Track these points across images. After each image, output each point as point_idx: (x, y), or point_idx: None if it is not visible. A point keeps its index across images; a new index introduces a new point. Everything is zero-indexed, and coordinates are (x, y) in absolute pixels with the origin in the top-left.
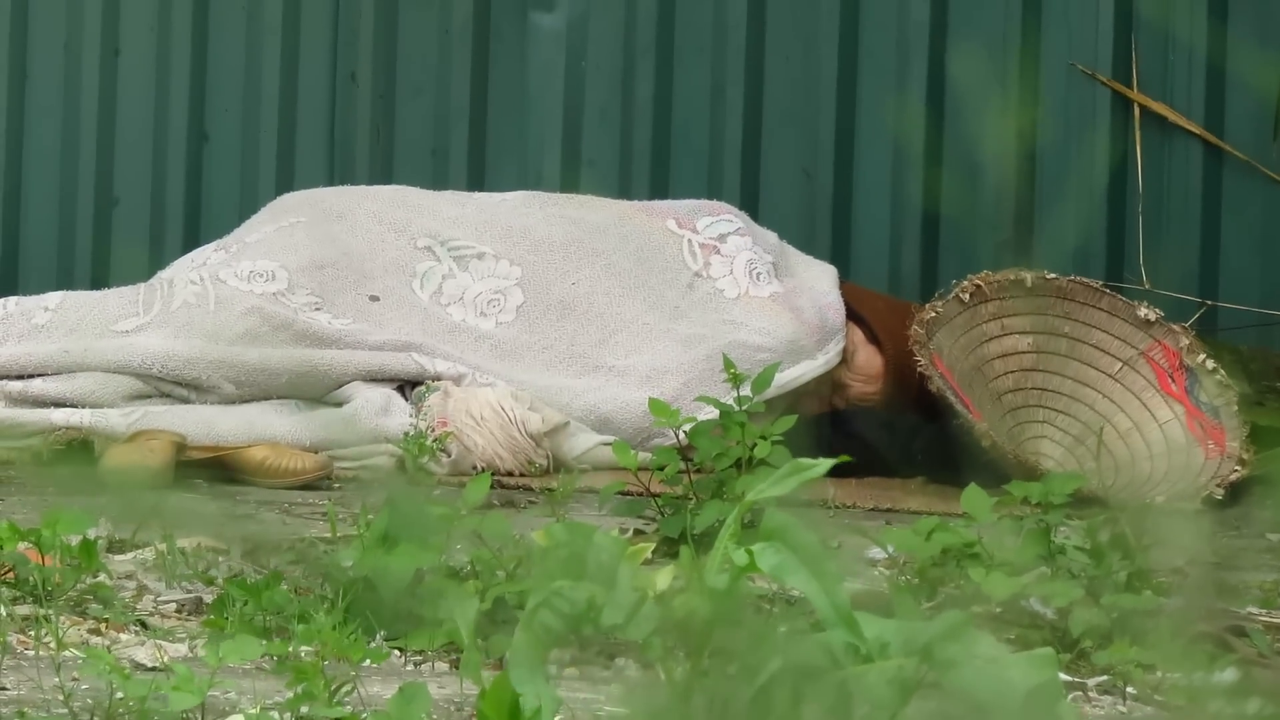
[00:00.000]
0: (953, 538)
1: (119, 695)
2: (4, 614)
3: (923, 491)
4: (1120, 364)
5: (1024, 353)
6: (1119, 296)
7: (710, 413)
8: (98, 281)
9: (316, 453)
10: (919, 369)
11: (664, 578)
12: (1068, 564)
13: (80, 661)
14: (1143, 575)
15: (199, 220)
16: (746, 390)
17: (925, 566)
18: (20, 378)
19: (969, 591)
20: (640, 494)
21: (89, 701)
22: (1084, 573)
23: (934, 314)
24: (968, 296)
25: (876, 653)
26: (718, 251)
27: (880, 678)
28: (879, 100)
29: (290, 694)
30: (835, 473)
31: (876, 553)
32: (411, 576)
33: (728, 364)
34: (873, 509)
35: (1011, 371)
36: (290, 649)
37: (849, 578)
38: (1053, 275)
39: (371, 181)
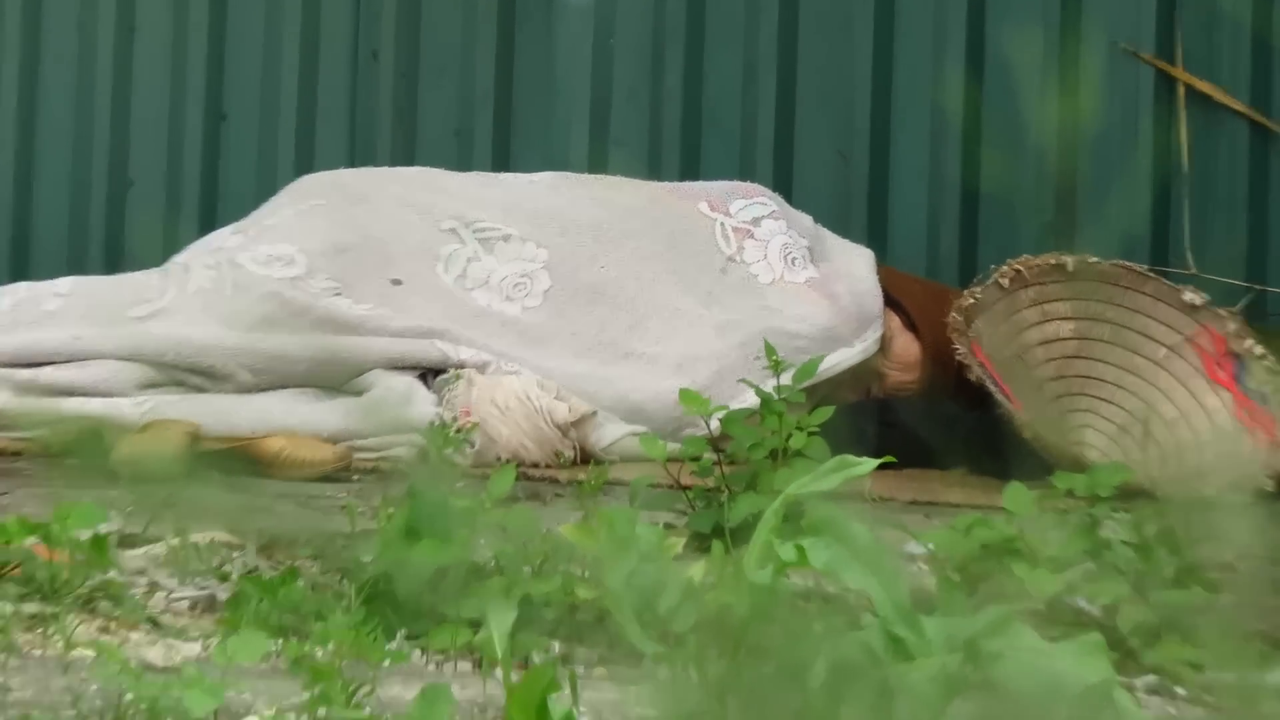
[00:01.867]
0: (994, 533)
1: (130, 697)
2: (10, 612)
3: (963, 484)
4: (1166, 350)
5: (1066, 339)
6: (1164, 281)
7: (743, 401)
8: (111, 266)
9: (336, 444)
10: (958, 357)
11: (696, 573)
12: (1114, 559)
13: (89, 662)
14: (1192, 570)
15: (216, 203)
16: (787, 379)
17: (966, 563)
18: (30, 365)
19: (1011, 589)
20: (670, 487)
21: (98, 703)
22: (1131, 568)
23: (973, 300)
24: (1007, 282)
25: (920, 650)
26: (751, 235)
27: (924, 675)
28: (916, 81)
29: (307, 695)
30: None
31: (915, 548)
32: (434, 572)
33: (769, 351)
34: (911, 502)
35: (1053, 359)
36: (306, 648)
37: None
38: (1095, 259)
39: (393, 163)
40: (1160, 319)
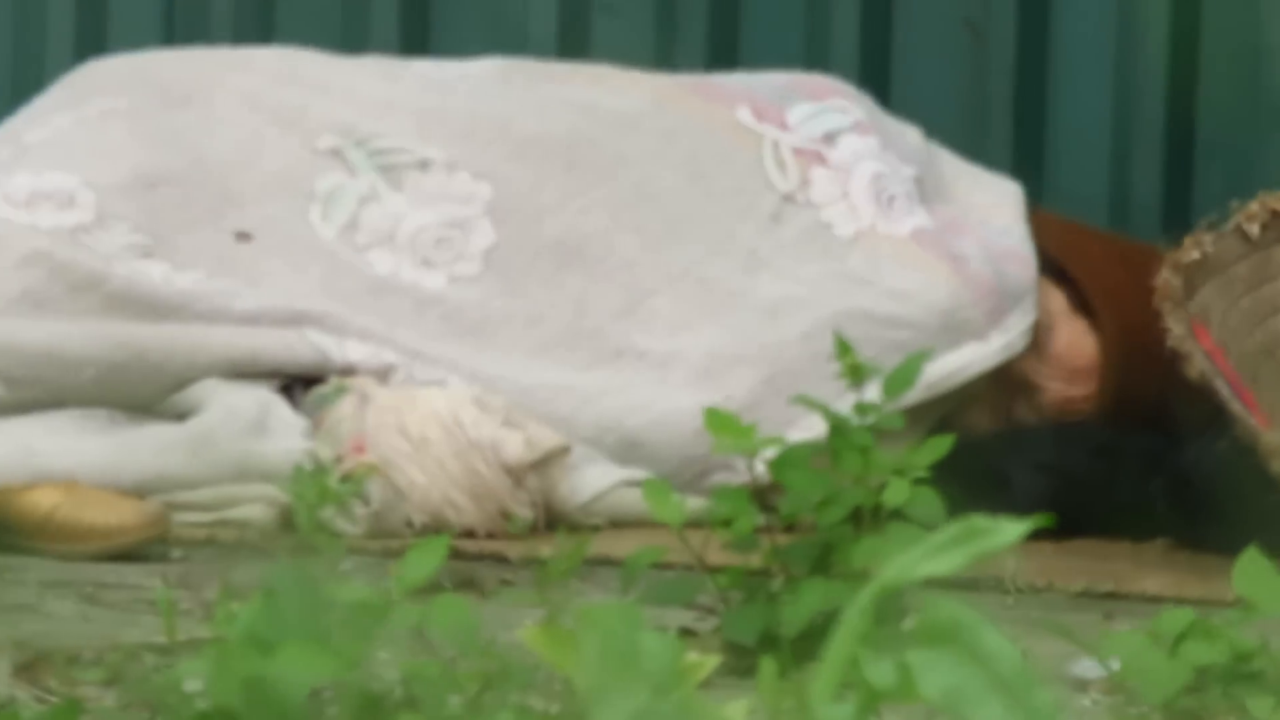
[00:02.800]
0: (1217, 645)
1: None
2: None
3: (1166, 563)
4: None
5: None
6: None
7: (808, 429)
8: None
9: (143, 499)
10: (1170, 342)
11: (736, 712)
12: None
13: None
14: None
15: None
16: (874, 392)
17: (1173, 693)
18: None
19: None
20: (690, 568)
21: None
22: None
23: (1198, 255)
24: (1258, 229)
25: None
26: (823, 160)
27: None
28: None
29: None
30: None
31: (1090, 668)
32: (303, 701)
33: (843, 348)
34: (1083, 593)
35: None
36: None
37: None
38: None
39: (238, 39)
40: None
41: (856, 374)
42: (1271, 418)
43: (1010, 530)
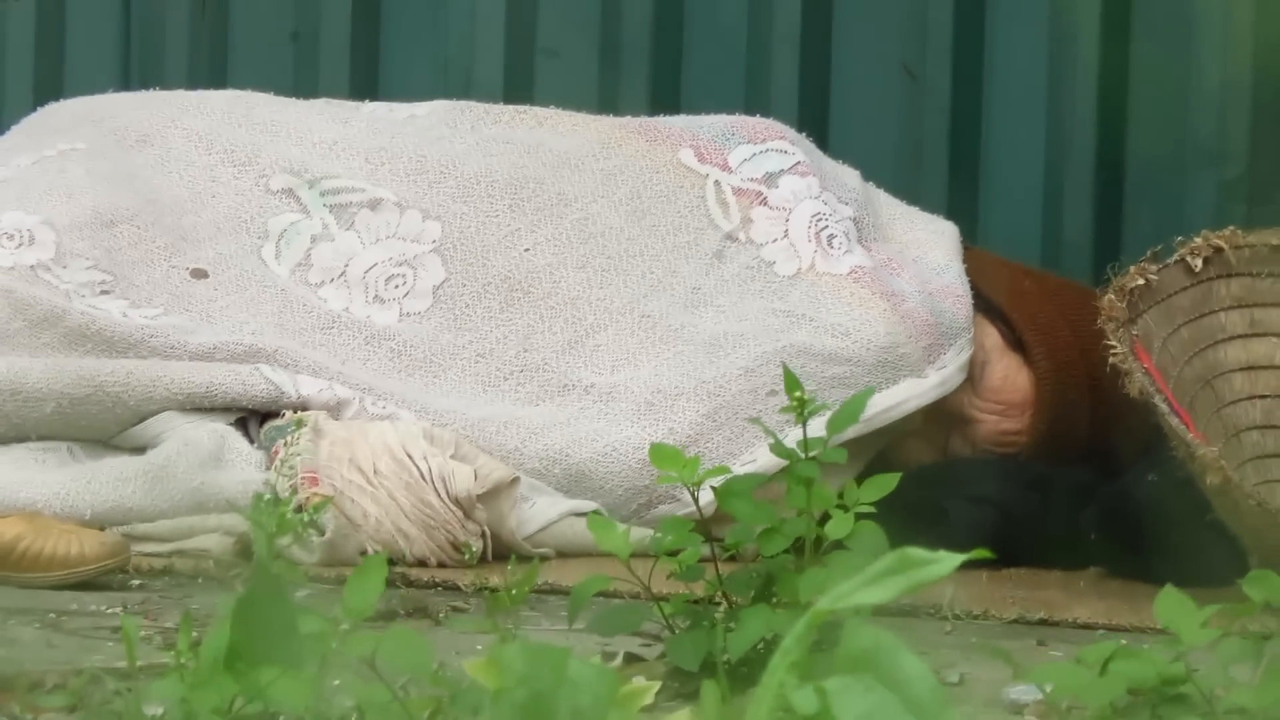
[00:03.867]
0: (1146, 668)
1: None
2: None
3: (1096, 592)
4: None
5: None
6: None
7: (750, 463)
8: None
9: (103, 530)
10: (1111, 358)
11: None
12: None
13: None
14: None
15: None
16: (819, 427)
17: (1104, 715)
18: None
19: None
20: (636, 597)
21: None
22: None
23: (1143, 281)
24: (1200, 264)
25: None
26: (764, 200)
27: None
28: None
29: None
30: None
31: (1024, 692)
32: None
33: (790, 381)
34: (1016, 620)
35: (1263, 396)
36: None
37: None
38: None
39: (193, 83)
40: None
41: (801, 408)
42: (1206, 438)
43: (945, 562)
